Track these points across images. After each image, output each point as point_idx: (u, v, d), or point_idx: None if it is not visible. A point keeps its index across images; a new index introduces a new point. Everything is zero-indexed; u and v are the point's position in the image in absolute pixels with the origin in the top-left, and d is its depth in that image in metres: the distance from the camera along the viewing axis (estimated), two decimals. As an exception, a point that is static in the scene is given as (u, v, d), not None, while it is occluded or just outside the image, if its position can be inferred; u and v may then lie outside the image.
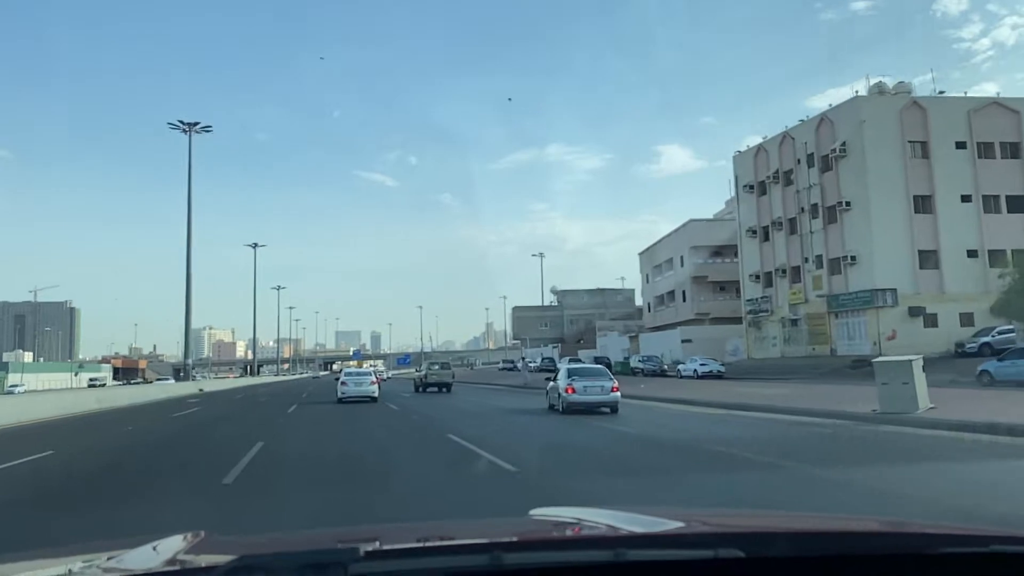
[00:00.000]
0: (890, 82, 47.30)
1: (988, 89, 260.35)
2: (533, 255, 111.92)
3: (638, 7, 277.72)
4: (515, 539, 1.75)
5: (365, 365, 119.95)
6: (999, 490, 7.76)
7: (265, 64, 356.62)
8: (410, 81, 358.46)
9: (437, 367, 39.50)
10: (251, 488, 8.52)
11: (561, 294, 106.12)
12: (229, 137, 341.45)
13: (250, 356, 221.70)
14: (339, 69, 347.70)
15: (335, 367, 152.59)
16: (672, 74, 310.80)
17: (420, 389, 37.74)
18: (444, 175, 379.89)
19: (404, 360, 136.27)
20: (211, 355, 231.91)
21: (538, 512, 2.22)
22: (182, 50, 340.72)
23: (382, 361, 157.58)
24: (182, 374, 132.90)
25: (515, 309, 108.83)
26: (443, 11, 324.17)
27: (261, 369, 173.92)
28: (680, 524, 1.85)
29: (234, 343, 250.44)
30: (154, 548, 1.72)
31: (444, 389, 36.99)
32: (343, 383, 28.79)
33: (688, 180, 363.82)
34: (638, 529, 1.75)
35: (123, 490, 8.80)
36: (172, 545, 1.75)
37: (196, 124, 52.88)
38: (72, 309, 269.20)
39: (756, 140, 55.61)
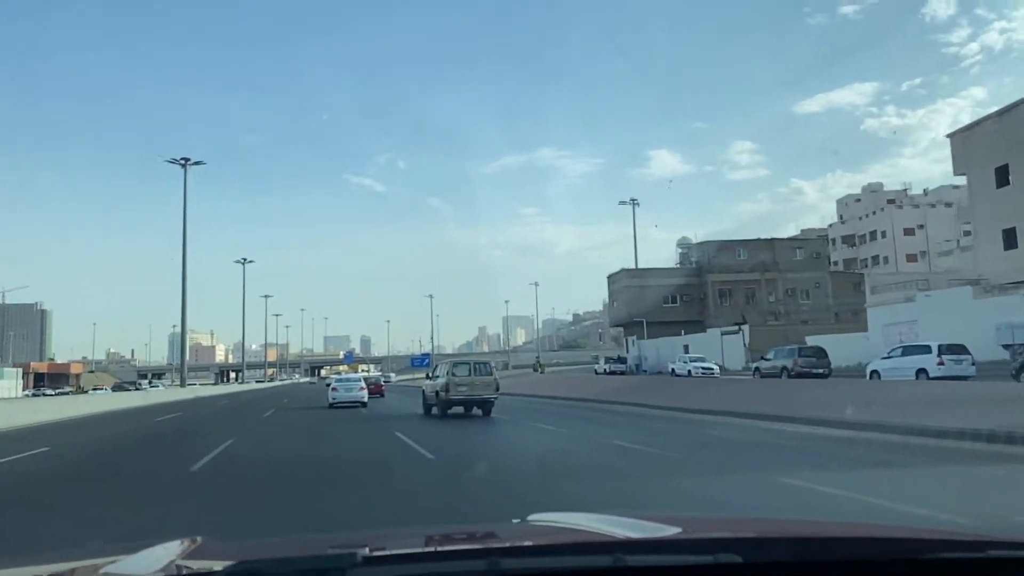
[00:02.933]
0: None
1: (977, 94, 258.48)
2: (622, 202, 71.16)
3: (630, 13, 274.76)
4: (513, 544, 1.75)
5: (360, 369, 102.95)
6: None
7: (254, 64, 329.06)
8: (399, 84, 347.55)
9: (466, 372, 21.18)
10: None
11: (695, 249, 66.70)
12: (216, 137, 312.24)
13: (232, 360, 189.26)
14: (329, 70, 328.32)
15: (323, 372, 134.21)
16: (662, 79, 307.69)
17: (436, 410, 21.71)
18: (433, 179, 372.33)
19: (420, 361, 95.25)
20: (189, 359, 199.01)
21: (536, 517, 2.14)
22: (166, 47, 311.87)
23: (375, 366, 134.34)
24: (148, 381, 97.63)
25: (615, 276, 67.77)
26: (432, 14, 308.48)
27: (240, 375, 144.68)
28: (679, 530, 1.82)
29: (213, 347, 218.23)
30: (152, 553, 1.70)
31: (479, 410, 21.20)
32: (334, 389, 30.12)
33: (678, 184, 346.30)
34: (637, 534, 1.72)
35: None
36: (170, 550, 1.73)
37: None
38: (43, 311, 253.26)
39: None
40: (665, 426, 16.71)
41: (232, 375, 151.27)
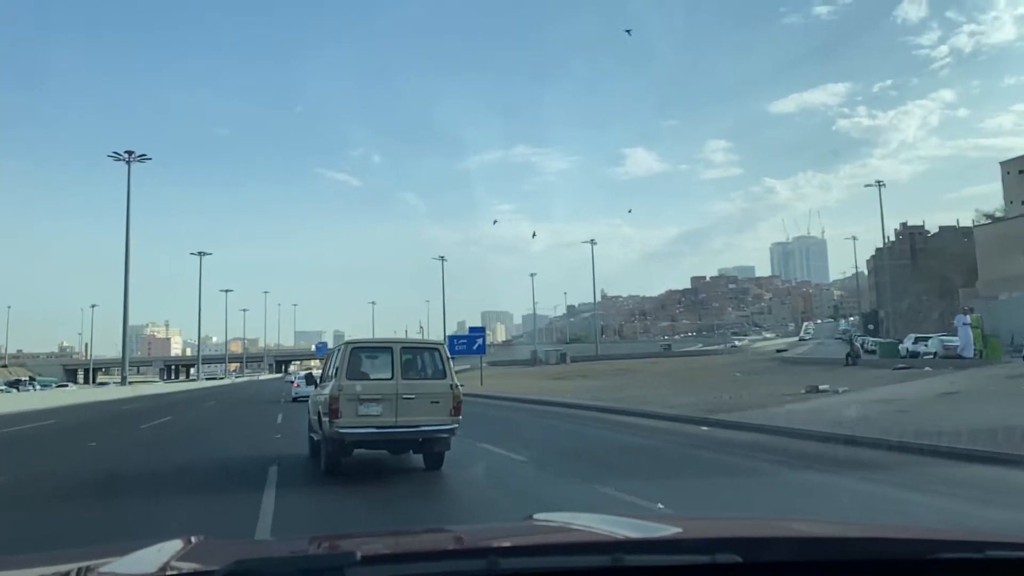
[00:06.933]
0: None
1: (946, 96, 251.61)
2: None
3: (607, 14, 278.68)
4: (512, 544, 1.74)
5: None
6: None
7: (226, 57, 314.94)
8: (374, 77, 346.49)
9: (383, 370, 9.25)
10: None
11: None
12: (186, 130, 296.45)
13: (189, 353, 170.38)
14: (304, 62, 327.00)
15: (292, 367, 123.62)
16: (638, 78, 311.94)
17: (321, 459, 9.63)
18: (408, 174, 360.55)
19: (469, 345, 44.72)
20: (141, 353, 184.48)
21: (537, 517, 2.16)
22: (135, 38, 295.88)
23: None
24: (30, 379, 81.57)
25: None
26: (408, 10, 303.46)
27: (187, 372, 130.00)
28: (678, 529, 1.83)
29: (168, 339, 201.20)
30: (150, 552, 1.70)
31: (416, 455, 9.89)
32: (296, 384, 32.97)
33: (653, 183, 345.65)
34: (636, 534, 1.73)
35: None
36: (168, 549, 1.72)
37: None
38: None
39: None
40: None
41: (188, 370, 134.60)
